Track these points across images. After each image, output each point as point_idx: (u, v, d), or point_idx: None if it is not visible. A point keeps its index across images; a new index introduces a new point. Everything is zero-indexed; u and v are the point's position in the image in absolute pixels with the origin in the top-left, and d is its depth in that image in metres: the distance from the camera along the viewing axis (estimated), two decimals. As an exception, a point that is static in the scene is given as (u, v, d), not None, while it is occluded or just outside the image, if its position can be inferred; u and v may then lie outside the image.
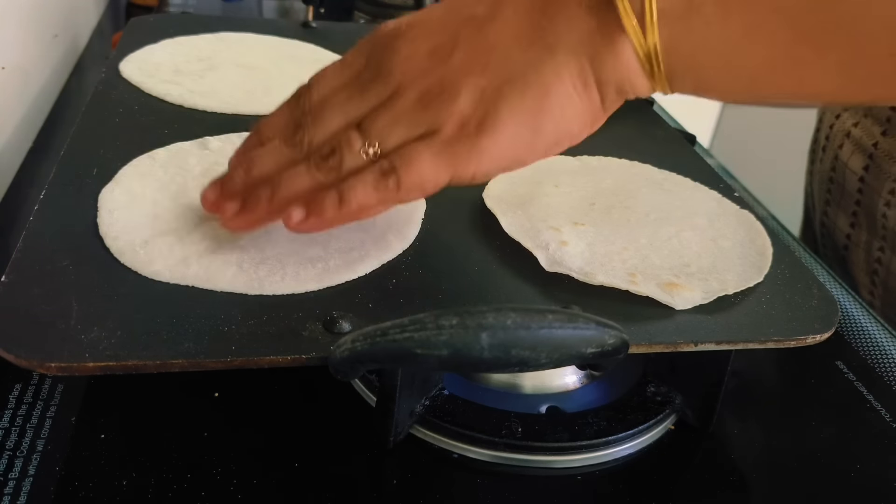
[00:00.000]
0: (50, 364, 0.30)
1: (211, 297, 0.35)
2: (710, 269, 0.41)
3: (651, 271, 0.40)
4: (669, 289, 0.39)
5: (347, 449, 0.38)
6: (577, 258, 0.41)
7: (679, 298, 0.38)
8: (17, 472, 0.35)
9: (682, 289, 0.39)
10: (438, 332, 0.30)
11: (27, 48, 0.71)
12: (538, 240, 0.42)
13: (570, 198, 0.46)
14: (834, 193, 0.68)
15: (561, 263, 0.40)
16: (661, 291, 0.39)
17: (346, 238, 0.40)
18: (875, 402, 0.46)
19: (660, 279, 0.40)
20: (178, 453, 0.37)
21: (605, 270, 0.40)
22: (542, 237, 0.42)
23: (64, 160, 0.44)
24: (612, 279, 0.39)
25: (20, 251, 0.36)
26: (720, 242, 0.44)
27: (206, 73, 0.58)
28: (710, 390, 0.40)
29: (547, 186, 0.47)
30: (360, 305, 0.36)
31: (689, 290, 0.39)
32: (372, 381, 0.40)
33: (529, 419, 0.40)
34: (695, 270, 0.41)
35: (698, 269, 0.41)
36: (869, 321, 0.52)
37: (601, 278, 0.39)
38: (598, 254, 0.41)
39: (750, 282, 0.41)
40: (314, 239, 0.39)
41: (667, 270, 0.41)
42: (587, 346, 0.31)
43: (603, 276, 0.39)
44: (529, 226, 0.43)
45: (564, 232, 0.42)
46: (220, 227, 0.38)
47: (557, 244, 0.41)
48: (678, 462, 0.40)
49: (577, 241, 0.42)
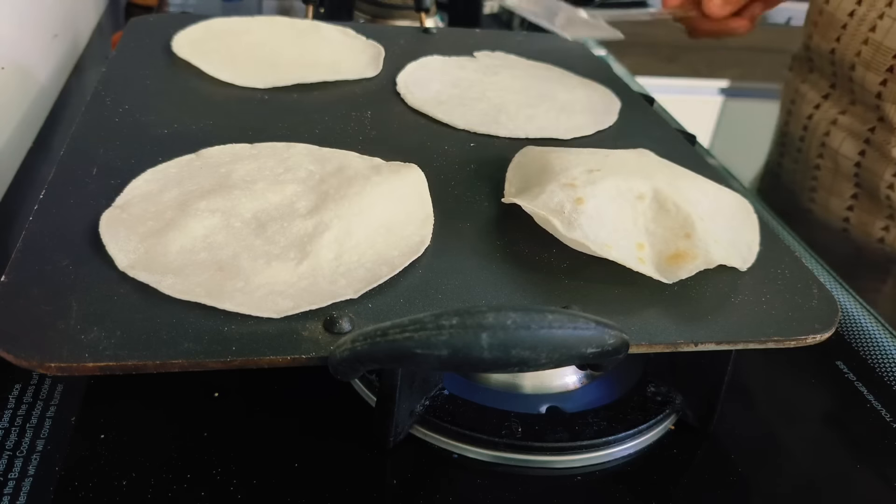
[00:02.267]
0: (50, 364, 0.30)
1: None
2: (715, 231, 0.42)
3: (659, 236, 0.41)
4: (674, 262, 0.39)
5: (347, 449, 0.38)
6: (593, 220, 0.41)
7: (683, 271, 0.39)
8: (17, 472, 0.35)
9: (687, 260, 0.39)
10: (438, 332, 0.30)
11: (27, 48, 0.71)
12: (552, 203, 0.42)
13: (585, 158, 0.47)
14: (822, 179, 0.71)
15: (579, 227, 0.40)
16: (665, 269, 0.40)
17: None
18: (875, 402, 0.46)
19: (665, 250, 0.40)
20: (178, 453, 0.37)
21: (618, 237, 0.41)
22: (556, 199, 0.42)
23: (64, 160, 0.44)
24: (622, 254, 0.40)
25: (20, 251, 0.36)
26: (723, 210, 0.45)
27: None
28: (710, 390, 0.40)
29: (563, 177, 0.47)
30: (360, 306, 0.36)
31: (692, 259, 0.39)
32: (372, 381, 0.40)
33: (529, 419, 0.40)
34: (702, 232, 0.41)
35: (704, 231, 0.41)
36: (869, 321, 0.52)
37: (615, 253, 0.40)
38: (610, 213, 0.42)
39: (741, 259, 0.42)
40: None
41: (677, 230, 0.41)
42: (587, 346, 0.31)
43: (616, 251, 0.40)
44: (541, 191, 0.43)
45: (579, 186, 0.42)
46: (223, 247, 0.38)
47: (573, 204, 0.41)
48: (678, 462, 0.40)
49: (592, 197, 0.42)
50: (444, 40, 0.71)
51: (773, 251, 0.44)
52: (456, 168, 0.50)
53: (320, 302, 0.35)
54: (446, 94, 0.60)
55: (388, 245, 0.40)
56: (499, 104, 0.59)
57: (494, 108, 0.58)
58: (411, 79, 0.62)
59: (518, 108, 0.59)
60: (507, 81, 0.64)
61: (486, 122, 0.56)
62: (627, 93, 0.65)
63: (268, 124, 0.52)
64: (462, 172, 0.49)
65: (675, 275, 0.39)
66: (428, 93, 0.60)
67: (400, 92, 0.60)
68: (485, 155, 0.52)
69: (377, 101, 0.58)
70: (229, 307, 0.34)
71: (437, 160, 0.50)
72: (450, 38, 0.72)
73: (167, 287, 0.35)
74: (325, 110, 0.55)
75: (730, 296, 0.40)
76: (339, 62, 0.63)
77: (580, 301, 0.37)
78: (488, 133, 0.55)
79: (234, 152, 0.47)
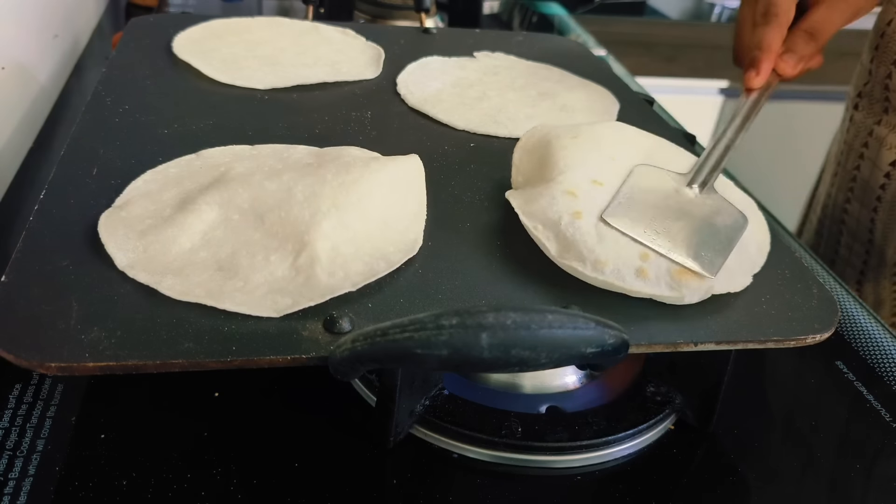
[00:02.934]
0: (50, 364, 0.30)
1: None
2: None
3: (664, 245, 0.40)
4: (679, 277, 0.38)
5: (347, 449, 0.38)
6: (590, 235, 0.40)
7: (687, 290, 0.38)
8: (17, 472, 0.35)
9: (691, 277, 0.38)
10: (438, 332, 0.30)
11: (27, 48, 0.71)
12: (551, 212, 0.41)
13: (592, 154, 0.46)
14: (857, 191, 0.68)
15: (572, 246, 0.39)
16: (670, 285, 0.38)
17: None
18: (875, 402, 0.46)
19: (670, 265, 0.39)
20: (178, 453, 0.37)
21: (619, 248, 0.39)
22: (555, 208, 0.41)
23: (64, 160, 0.44)
24: (618, 277, 0.38)
25: (20, 251, 0.36)
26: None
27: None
28: (710, 390, 0.40)
29: (566, 181, 0.45)
30: (360, 305, 0.36)
31: (698, 278, 0.38)
32: (372, 381, 0.40)
33: (529, 419, 0.40)
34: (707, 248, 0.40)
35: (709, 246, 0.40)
36: (869, 321, 0.52)
37: (608, 270, 0.38)
38: (609, 231, 0.40)
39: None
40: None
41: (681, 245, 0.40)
42: (587, 346, 0.31)
43: (611, 271, 0.38)
44: (541, 193, 0.42)
45: (580, 198, 0.42)
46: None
47: (571, 217, 0.40)
48: (678, 462, 0.40)
49: (592, 210, 0.41)
50: (444, 40, 0.71)
51: (774, 251, 0.44)
52: (456, 168, 0.50)
53: (319, 297, 0.35)
54: (446, 94, 0.60)
55: (384, 240, 0.40)
56: (499, 104, 0.59)
57: (494, 108, 0.58)
58: (411, 79, 0.62)
59: (518, 109, 0.59)
60: (507, 82, 0.64)
61: (485, 122, 0.56)
62: (627, 93, 0.65)
63: (268, 125, 0.52)
64: (462, 172, 0.49)
65: (681, 292, 0.38)
66: (428, 93, 0.60)
67: (400, 92, 0.60)
68: (485, 155, 0.52)
69: (377, 102, 0.58)
70: (229, 307, 0.34)
71: (437, 160, 0.50)
72: (450, 38, 0.72)
73: (167, 288, 0.35)
74: (325, 110, 0.55)
75: (730, 296, 0.40)
76: (339, 63, 0.63)
77: (580, 301, 0.37)
78: (488, 133, 0.55)
79: (234, 153, 0.47)
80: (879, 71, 0.67)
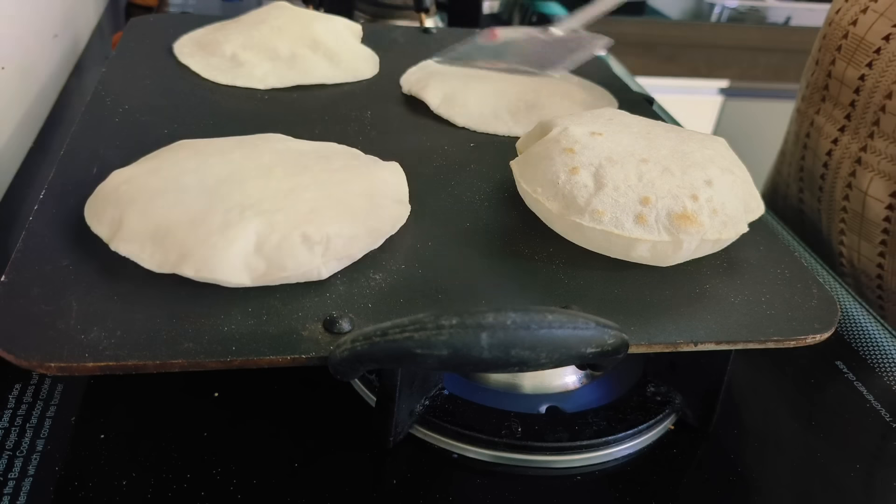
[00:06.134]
0: (50, 364, 0.30)
1: (211, 297, 0.35)
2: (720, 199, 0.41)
3: (665, 191, 0.40)
4: (678, 223, 0.39)
5: (347, 449, 0.38)
6: (587, 188, 0.40)
7: (685, 235, 0.38)
8: (17, 472, 0.35)
9: (690, 223, 0.39)
10: (438, 332, 0.30)
11: (27, 48, 0.71)
12: (550, 173, 0.41)
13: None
14: (850, 223, 0.65)
15: (571, 203, 0.40)
16: (668, 230, 0.39)
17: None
18: (875, 402, 0.46)
19: (671, 209, 0.39)
20: (178, 453, 0.37)
21: (618, 196, 0.39)
22: (554, 167, 0.41)
23: (64, 160, 0.44)
24: (616, 225, 0.38)
25: (20, 251, 0.36)
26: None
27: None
28: (710, 390, 0.40)
29: (564, 139, 0.45)
30: (360, 305, 0.36)
31: (699, 224, 0.39)
32: (372, 381, 0.40)
33: (529, 419, 0.40)
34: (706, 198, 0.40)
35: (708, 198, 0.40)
36: (869, 321, 0.52)
37: (606, 220, 0.39)
38: (607, 177, 0.40)
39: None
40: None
41: (685, 189, 0.40)
42: (587, 346, 0.31)
43: (609, 220, 0.39)
44: (540, 157, 0.42)
45: (578, 152, 0.41)
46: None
47: (568, 174, 0.41)
48: (678, 462, 0.40)
49: (590, 160, 0.41)
50: (444, 40, 0.71)
51: (774, 251, 0.44)
52: (456, 168, 0.50)
53: (294, 269, 0.36)
54: (446, 93, 0.60)
55: (368, 214, 0.39)
56: (499, 104, 0.59)
57: (494, 107, 0.58)
58: (412, 79, 0.62)
59: (518, 108, 0.59)
60: (507, 81, 0.63)
61: (485, 122, 0.56)
62: (627, 92, 0.65)
63: (268, 125, 0.51)
64: (462, 172, 0.49)
65: (679, 238, 0.38)
66: (428, 93, 0.60)
67: (400, 92, 0.60)
68: (485, 155, 0.52)
69: (377, 101, 0.58)
70: (205, 276, 0.35)
71: (437, 160, 0.50)
72: (450, 38, 0.72)
73: (147, 259, 0.35)
74: (325, 110, 0.55)
75: (729, 296, 0.40)
76: (338, 63, 0.63)
77: (580, 301, 0.37)
78: (488, 132, 0.55)
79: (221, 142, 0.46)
80: (825, 59, 0.67)
